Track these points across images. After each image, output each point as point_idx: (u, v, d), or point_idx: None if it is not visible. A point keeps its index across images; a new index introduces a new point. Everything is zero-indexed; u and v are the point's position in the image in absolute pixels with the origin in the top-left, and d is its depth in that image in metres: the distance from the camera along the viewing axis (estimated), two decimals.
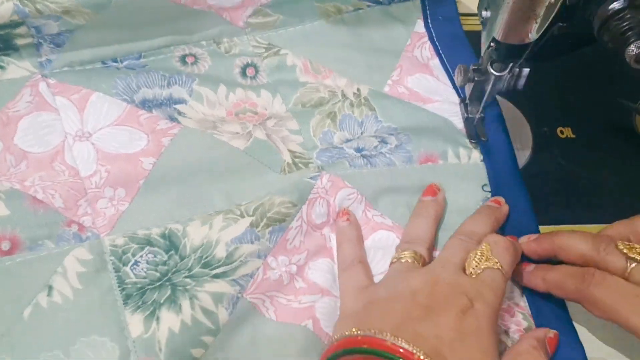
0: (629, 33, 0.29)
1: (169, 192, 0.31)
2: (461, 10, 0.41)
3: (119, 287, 0.28)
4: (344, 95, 0.36)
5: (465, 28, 0.40)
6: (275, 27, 0.39)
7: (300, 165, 0.33)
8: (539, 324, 0.30)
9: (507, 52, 0.30)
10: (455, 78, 0.35)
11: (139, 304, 0.27)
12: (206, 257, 0.29)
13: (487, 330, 0.26)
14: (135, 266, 0.29)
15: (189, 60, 0.37)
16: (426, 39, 0.39)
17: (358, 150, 0.34)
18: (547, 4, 0.27)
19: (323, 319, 0.29)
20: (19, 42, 0.34)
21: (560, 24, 0.29)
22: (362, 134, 0.35)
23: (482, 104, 0.34)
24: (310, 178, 0.32)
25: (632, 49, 0.29)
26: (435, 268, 0.28)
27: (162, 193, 0.31)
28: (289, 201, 0.30)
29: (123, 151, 0.32)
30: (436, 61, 0.39)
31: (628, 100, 0.36)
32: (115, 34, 0.36)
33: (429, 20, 0.40)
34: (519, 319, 0.30)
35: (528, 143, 0.36)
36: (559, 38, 0.29)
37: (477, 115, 0.35)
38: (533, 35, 0.28)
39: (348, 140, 0.34)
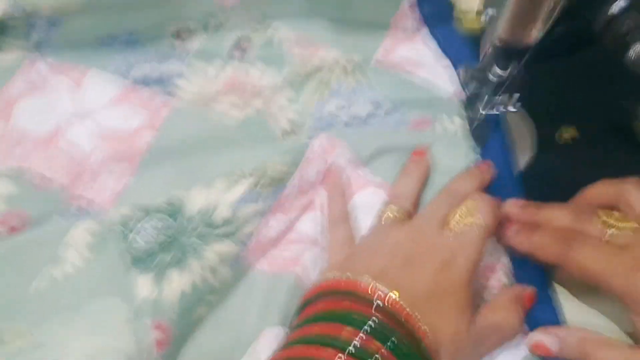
0: (631, 35, 0.29)
1: (169, 165, 0.32)
2: None
3: (127, 253, 0.29)
4: (335, 65, 0.37)
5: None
6: (267, 3, 0.39)
7: (296, 132, 0.34)
8: (518, 282, 0.31)
9: (509, 53, 0.30)
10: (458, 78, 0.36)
11: (148, 265, 0.28)
12: (210, 218, 0.30)
13: (464, 284, 0.27)
14: (142, 233, 0.29)
15: (182, 36, 0.37)
16: (414, 9, 0.40)
17: (352, 116, 0.34)
18: (549, 5, 0.26)
19: (310, 268, 0.30)
20: (13, 23, 0.35)
21: (562, 25, 0.29)
22: (354, 102, 0.36)
23: (484, 105, 0.34)
24: (307, 139, 0.33)
25: (633, 52, 0.29)
26: (419, 222, 0.29)
27: (163, 166, 0.32)
28: (286, 161, 0.32)
29: (122, 127, 0.33)
30: (425, 31, 0.39)
31: (631, 101, 0.37)
32: (108, 14, 0.36)
33: None
34: (499, 275, 0.31)
35: (530, 144, 0.36)
36: (561, 39, 0.30)
37: (479, 116, 0.35)
38: (535, 36, 0.28)
39: (342, 108, 0.35)
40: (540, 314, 0.29)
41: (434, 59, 0.38)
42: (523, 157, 0.36)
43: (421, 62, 0.38)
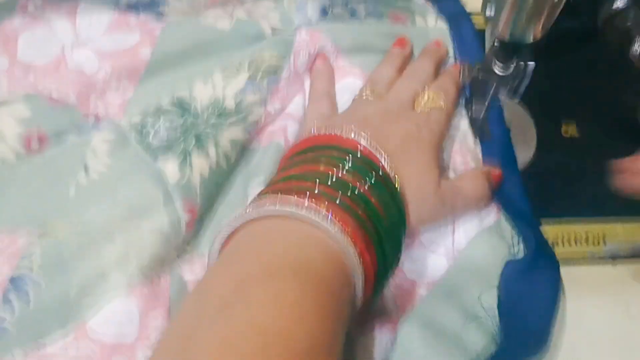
0: (633, 32, 0.28)
1: (169, 73, 0.35)
2: None
3: (146, 153, 0.31)
4: None
5: None
6: None
7: (281, 32, 0.37)
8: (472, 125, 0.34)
9: (511, 51, 0.30)
10: (459, 77, 0.36)
11: (169, 155, 0.31)
12: (219, 111, 0.33)
13: (429, 149, 0.30)
14: (156, 135, 0.32)
15: None
16: None
17: (332, 16, 0.38)
18: (551, 2, 0.26)
19: (290, 140, 0.34)
20: None
21: (565, 22, 0.28)
22: (333, 4, 0.38)
23: (487, 103, 0.33)
24: (291, 35, 0.36)
25: (637, 48, 0.28)
26: (388, 102, 0.32)
27: (163, 75, 0.34)
28: (277, 55, 0.35)
29: (120, 47, 0.35)
30: None
31: (633, 97, 0.36)
32: None
33: None
34: (468, 159, 0.34)
35: (532, 141, 0.37)
36: (564, 36, 0.29)
37: (482, 115, 0.34)
38: (537, 33, 0.28)
39: (321, 9, 0.38)
40: (509, 191, 0.32)
41: None
42: (525, 153, 0.36)
43: None
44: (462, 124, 0.35)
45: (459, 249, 0.31)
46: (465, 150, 0.34)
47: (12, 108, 0.32)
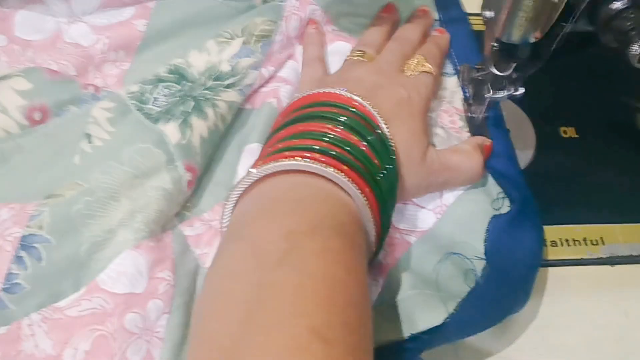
0: (632, 33, 0.28)
1: (163, 45, 0.36)
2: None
3: (147, 119, 0.32)
4: None
5: None
6: None
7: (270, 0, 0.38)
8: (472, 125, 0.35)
9: (510, 52, 0.30)
10: (459, 78, 0.37)
11: (169, 117, 0.32)
12: (215, 74, 0.34)
13: (418, 117, 0.31)
14: (155, 102, 0.33)
15: None
16: None
17: None
18: (550, 3, 0.27)
19: (283, 100, 0.35)
20: None
21: (564, 23, 0.29)
22: None
23: (485, 104, 0.34)
24: (281, 2, 0.37)
25: (636, 48, 0.29)
26: (379, 64, 0.33)
27: (158, 47, 0.36)
28: (268, 20, 0.36)
29: (116, 21, 0.37)
30: None
31: (632, 99, 0.36)
32: None
33: None
34: (455, 118, 0.35)
35: (531, 143, 0.37)
36: (562, 38, 0.30)
37: (481, 115, 0.35)
38: (536, 35, 0.28)
39: None
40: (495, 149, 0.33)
41: None
42: (524, 155, 0.36)
43: None
44: (449, 83, 0.36)
45: (447, 204, 0.32)
46: (452, 109, 0.36)
47: (13, 81, 0.33)
